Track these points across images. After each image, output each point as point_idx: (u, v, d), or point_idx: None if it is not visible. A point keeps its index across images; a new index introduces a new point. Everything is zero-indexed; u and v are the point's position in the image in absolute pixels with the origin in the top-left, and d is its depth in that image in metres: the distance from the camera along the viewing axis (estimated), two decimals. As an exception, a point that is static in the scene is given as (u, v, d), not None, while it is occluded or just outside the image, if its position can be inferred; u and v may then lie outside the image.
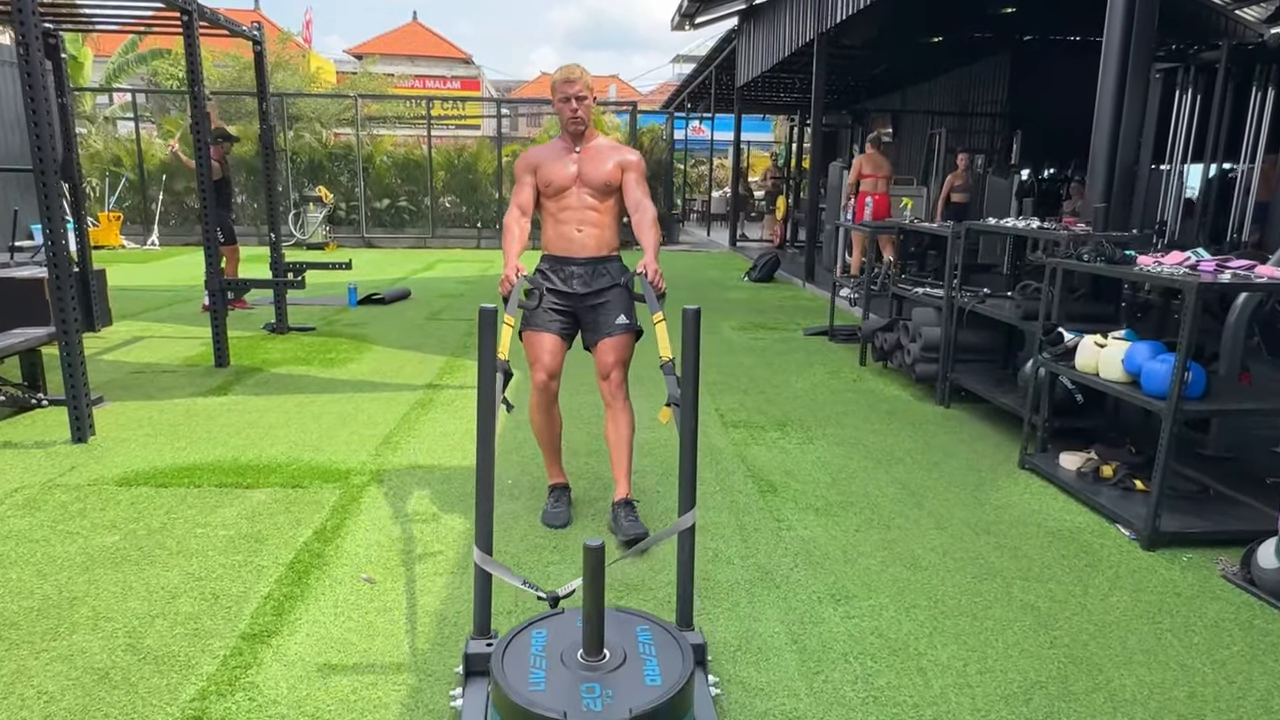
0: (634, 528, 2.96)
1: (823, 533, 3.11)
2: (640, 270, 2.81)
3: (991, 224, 4.44)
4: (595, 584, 1.71)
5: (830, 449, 4.09)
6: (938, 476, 3.73)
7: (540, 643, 1.85)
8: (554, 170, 3.02)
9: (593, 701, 1.65)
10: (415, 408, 4.66)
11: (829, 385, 5.35)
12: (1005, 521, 3.25)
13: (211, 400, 4.71)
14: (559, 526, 3.10)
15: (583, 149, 3.05)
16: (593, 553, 1.70)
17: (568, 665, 1.77)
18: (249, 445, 3.96)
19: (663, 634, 1.91)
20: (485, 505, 2.06)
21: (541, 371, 3.05)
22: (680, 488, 2.15)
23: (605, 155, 3.05)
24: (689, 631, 2.11)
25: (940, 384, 4.85)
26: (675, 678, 1.72)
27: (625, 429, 3.09)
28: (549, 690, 1.68)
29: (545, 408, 3.13)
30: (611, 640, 1.81)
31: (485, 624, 2.09)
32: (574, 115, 2.98)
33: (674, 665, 1.77)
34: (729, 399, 4.97)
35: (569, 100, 2.97)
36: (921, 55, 14.95)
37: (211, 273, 5.32)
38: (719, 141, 20.98)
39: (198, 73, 4.93)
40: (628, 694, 1.66)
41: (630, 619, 1.97)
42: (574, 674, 1.74)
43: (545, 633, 1.89)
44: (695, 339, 2.10)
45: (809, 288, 10.00)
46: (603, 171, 3.02)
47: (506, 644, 1.84)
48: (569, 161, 3.03)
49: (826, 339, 6.79)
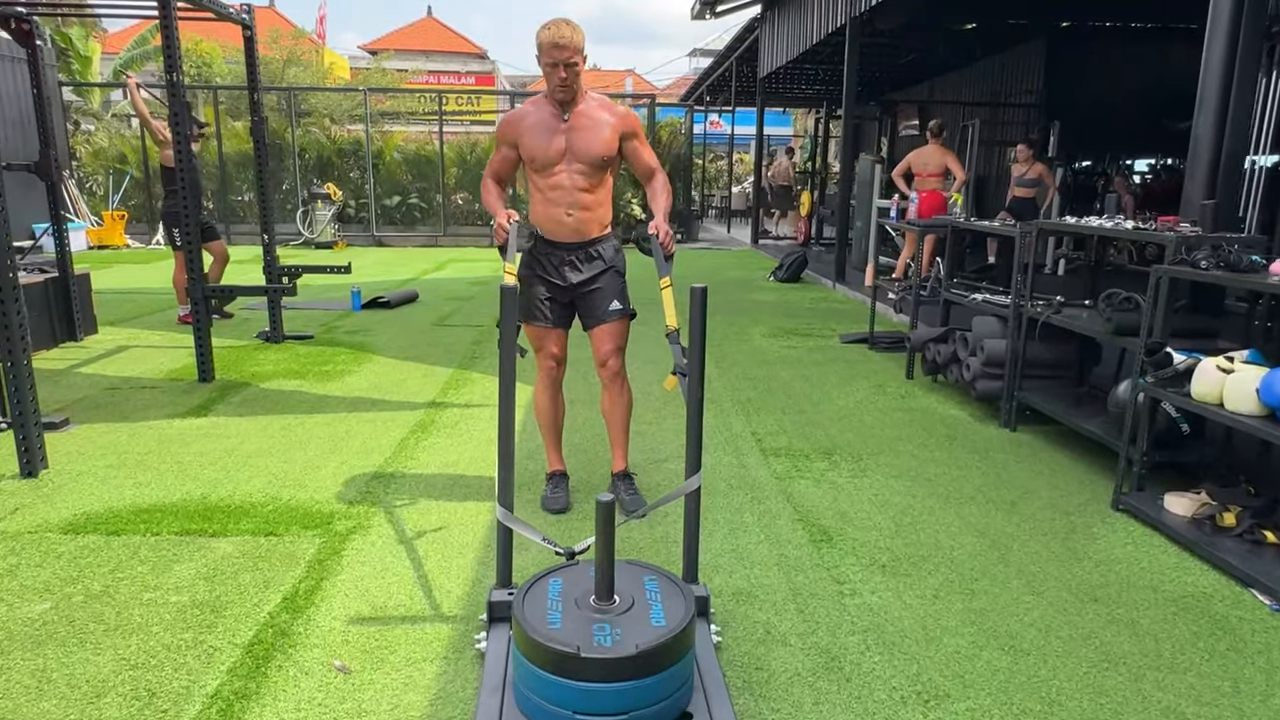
0: (633, 501, 3.10)
1: (894, 599, 2.58)
2: (652, 231, 2.74)
3: (1071, 223, 3.89)
4: (606, 535, 1.88)
5: (888, 483, 3.55)
6: (1018, 520, 3.18)
7: (557, 590, 2.01)
8: (540, 143, 2.81)
9: (603, 638, 1.81)
10: (415, 431, 4.16)
11: (875, 403, 4.80)
12: (1112, 584, 2.70)
13: (189, 422, 4.22)
14: (558, 511, 3.13)
15: (571, 115, 2.82)
16: (603, 507, 1.87)
17: (581, 608, 1.92)
18: (223, 479, 3.47)
19: (668, 583, 2.06)
20: (506, 464, 2.24)
21: (549, 358, 3.08)
22: (687, 452, 2.30)
23: (598, 124, 2.82)
24: (693, 584, 2.30)
25: (1005, 404, 4.29)
26: (678, 620, 1.87)
27: (623, 407, 3.13)
28: (564, 628, 1.84)
29: (552, 392, 3.16)
30: (621, 588, 1.98)
31: (507, 575, 2.31)
32: (563, 83, 2.73)
33: (677, 609, 1.92)
34: (766, 420, 4.44)
35: (558, 66, 2.70)
36: (952, 43, 14.31)
37: (193, 279, 4.84)
38: (739, 136, 20.38)
39: (175, 60, 4.44)
40: (635, 632, 1.83)
41: (639, 570, 2.11)
42: (587, 615, 1.90)
43: (561, 581, 2.04)
44: (702, 314, 2.18)
45: (840, 288, 9.43)
46: (596, 144, 2.81)
47: (526, 591, 1.99)
48: (556, 132, 2.81)
49: (866, 347, 6.24)
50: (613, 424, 3.17)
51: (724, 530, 3.06)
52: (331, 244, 13.77)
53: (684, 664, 1.86)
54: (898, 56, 15.39)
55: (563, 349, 3.09)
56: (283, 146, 14.42)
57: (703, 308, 2.18)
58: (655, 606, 1.93)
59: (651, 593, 2.00)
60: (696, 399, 2.24)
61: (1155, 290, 3.09)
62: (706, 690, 1.98)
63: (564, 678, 1.76)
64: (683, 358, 2.38)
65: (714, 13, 14.20)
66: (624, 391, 3.11)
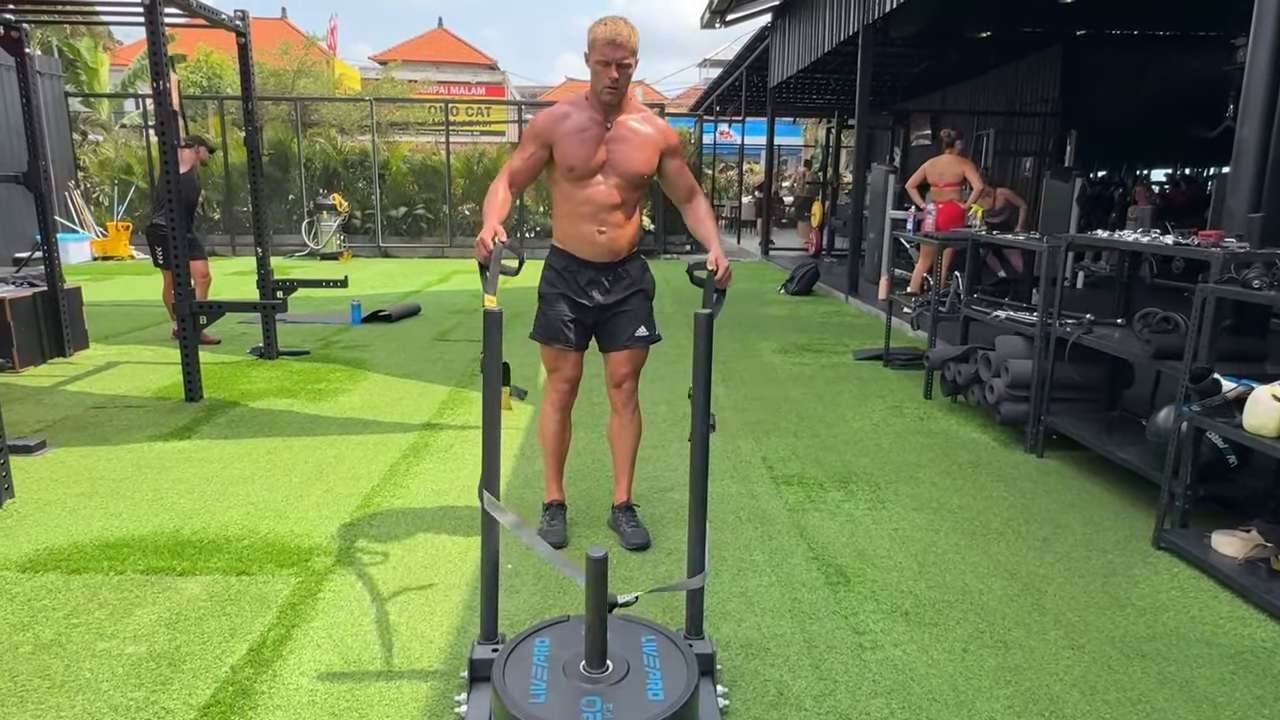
0: (636, 535, 2.94)
1: (920, 654, 2.34)
2: (711, 267, 2.46)
3: (1103, 236, 3.65)
4: (598, 593, 1.66)
5: (908, 516, 3.31)
6: (1052, 560, 2.94)
7: (543, 652, 1.82)
8: (579, 149, 2.60)
9: (593, 715, 1.61)
10: (407, 455, 3.95)
11: (892, 425, 4.56)
12: (1161, 635, 2.45)
13: (171, 446, 4.02)
14: (554, 545, 2.86)
15: (614, 124, 2.63)
16: (595, 563, 1.65)
17: (569, 676, 1.73)
18: (199, 509, 3.26)
19: (668, 645, 1.85)
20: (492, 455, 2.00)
21: (563, 381, 2.91)
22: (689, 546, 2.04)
23: (640, 137, 2.66)
24: (698, 640, 2.04)
25: (1031, 428, 4.04)
26: (678, 693, 1.67)
27: (632, 435, 2.98)
28: (549, 703, 1.64)
29: (561, 416, 2.98)
30: (615, 651, 1.78)
31: (492, 628, 2.02)
32: (613, 83, 2.55)
33: (678, 680, 1.72)
34: (777, 444, 4.20)
35: (610, 65, 2.52)
36: (966, 52, 14.09)
37: (180, 295, 4.65)
38: (749, 146, 20.19)
39: (160, 68, 4.27)
40: (629, 709, 1.63)
41: (636, 628, 1.91)
42: (575, 685, 1.70)
43: (548, 641, 1.85)
44: (707, 346, 2.00)
45: (853, 302, 9.19)
46: (638, 159, 2.65)
47: (509, 652, 1.81)
48: (598, 141, 2.61)
49: (882, 365, 5.99)
50: (619, 451, 3.01)
51: (731, 570, 2.83)
52: (337, 255, 13.63)
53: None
54: (910, 65, 15.19)
55: (577, 374, 2.92)
56: (289, 157, 14.31)
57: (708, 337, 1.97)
58: (653, 675, 1.73)
59: (649, 657, 1.80)
60: (700, 488, 2.01)
61: (1200, 311, 2.85)
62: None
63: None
64: None
65: (724, 21, 14.04)
66: (635, 418, 2.98)
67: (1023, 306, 4.53)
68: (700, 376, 2.00)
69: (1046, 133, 14.37)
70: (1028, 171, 14.81)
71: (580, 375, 2.94)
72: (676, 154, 2.74)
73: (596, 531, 3.12)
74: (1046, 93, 14.22)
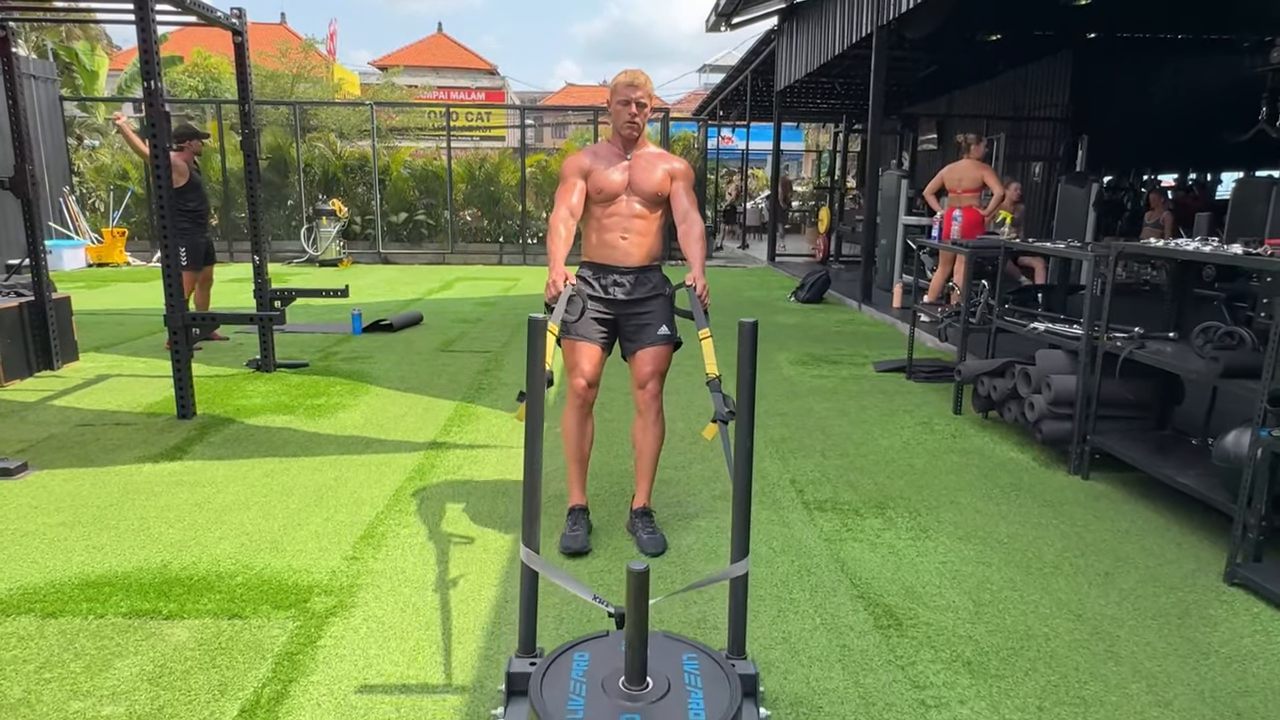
0: (652, 542, 2.97)
1: (990, 712, 2.09)
2: (690, 283, 2.80)
3: (1156, 245, 3.42)
4: (639, 609, 1.62)
5: (955, 547, 3.07)
6: (1118, 598, 2.70)
7: (582, 667, 1.78)
8: (605, 176, 2.95)
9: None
10: (412, 478, 3.71)
11: (924, 443, 4.32)
12: (1254, 690, 2.21)
13: (161, 468, 3.78)
14: (575, 553, 2.95)
15: (633, 156, 3.00)
16: (636, 576, 1.60)
17: (609, 693, 1.68)
18: (190, 540, 3.02)
19: (710, 664, 1.81)
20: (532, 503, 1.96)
21: (580, 378, 2.99)
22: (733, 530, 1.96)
23: (655, 163, 3.00)
24: (740, 660, 1.95)
25: (1075, 448, 3.81)
26: (721, 714, 1.61)
27: (655, 438, 3.06)
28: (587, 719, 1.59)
29: (580, 416, 3.05)
30: (655, 668, 1.73)
31: (530, 641, 1.97)
32: (631, 120, 2.94)
33: (720, 700, 1.67)
34: (805, 464, 3.97)
35: (629, 104, 2.92)
36: (975, 56, 13.90)
37: (172, 306, 4.41)
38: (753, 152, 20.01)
39: (152, 66, 4.03)
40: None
41: (677, 645, 1.87)
42: (614, 703, 1.65)
43: (588, 656, 1.81)
44: (752, 355, 2.00)
45: (866, 310, 8.96)
46: (653, 180, 2.97)
47: (547, 667, 1.78)
48: (620, 168, 2.97)
49: (904, 377, 5.76)
50: (642, 453, 3.08)
51: (771, 610, 2.59)
52: (336, 262, 13.40)
53: None
54: (917, 70, 15.00)
55: (596, 370, 3.01)
56: (287, 162, 14.09)
57: (753, 346, 2.00)
58: (695, 694, 1.68)
59: (691, 675, 1.74)
60: (745, 450, 1.94)
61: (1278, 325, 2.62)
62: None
63: None
64: (724, 405, 2.34)
65: (730, 24, 13.84)
66: (658, 419, 3.06)
67: (1060, 318, 4.29)
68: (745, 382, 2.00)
69: (1057, 137, 14.17)
70: (1037, 176, 14.61)
71: (599, 376, 3.02)
72: (682, 179, 3.02)
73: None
74: (1056, 97, 14.02)
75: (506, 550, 2.98)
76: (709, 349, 2.54)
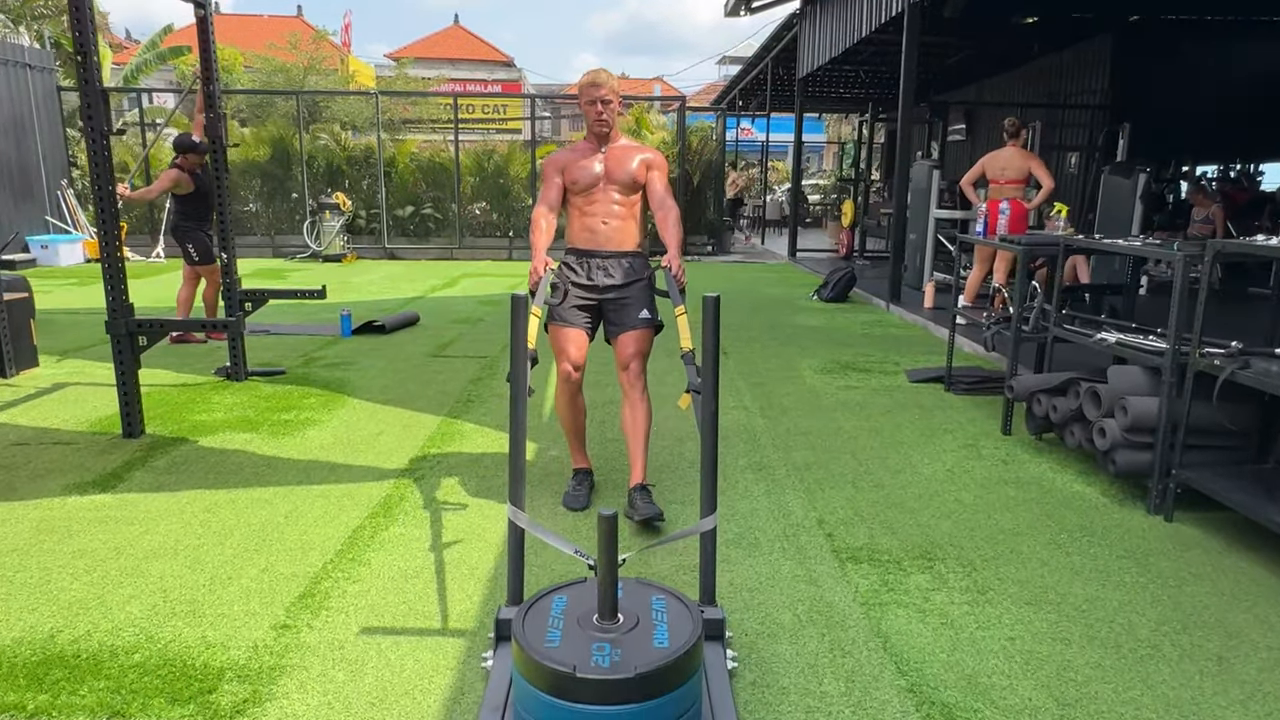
0: (648, 508, 3.03)
1: None
2: (665, 265, 2.96)
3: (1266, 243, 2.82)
4: (609, 551, 1.78)
5: (1023, 616, 2.50)
6: (1241, 695, 2.11)
7: (560, 607, 1.90)
8: (581, 169, 3.12)
9: (601, 659, 1.69)
10: (375, 515, 3.18)
11: (972, 471, 3.74)
12: None
13: (87, 501, 3.28)
14: (577, 509, 3.21)
15: (608, 150, 3.15)
16: (606, 520, 1.78)
17: (584, 627, 1.82)
18: (93, 600, 2.51)
19: (676, 604, 1.93)
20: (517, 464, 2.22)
21: (566, 363, 3.15)
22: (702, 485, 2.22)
23: (630, 155, 3.16)
24: (710, 607, 2.21)
25: (1157, 483, 3.21)
26: (682, 641, 1.75)
27: (642, 418, 3.18)
28: (563, 647, 1.74)
29: (570, 398, 3.24)
30: (626, 607, 1.86)
31: (518, 592, 2.21)
32: (599, 117, 3.08)
33: (683, 630, 1.80)
34: (834, 498, 3.40)
35: (595, 103, 3.06)
36: (1008, 41, 13.21)
37: (115, 310, 3.91)
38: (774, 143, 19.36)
39: (86, 38, 3.52)
40: (635, 653, 1.71)
41: (647, 589, 1.99)
42: (587, 634, 1.79)
43: (565, 599, 1.94)
44: (715, 327, 2.21)
45: (895, 310, 8.34)
46: (628, 170, 3.12)
47: (528, 607, 1.89)
48: (595, 161, 3.13)
49: (942, 388, 5.16)
50: (632, 435, 3.19)
51: (797, 709, 2.03)
52: (340, 257, 12.93)
53: (688, 689, 1.74)
54: (946, 55, 14.32)
55: (581, 354, 3.17)
56: (290, 154, 13.63)
57: (715, 319, 2.22)
58: (660, 627, 1.83)
59: (658, 612, 1.89)
60: (710, 428, 2.22)
61: None
62: (716, 718, 1.87)
63: (560, 698, 1.66)
64: (696, 377, 2.47)
65: (749, 8, 13.23)
66: (643, 398, 3.18)
67: (1131, 326, 3.69)
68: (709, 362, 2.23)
69: (1095, 126, 13.44)
70: (1073, 167, 13.88)
71: (584, 359, 3.18)
72: (657, 168, 3.17)
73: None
74: (1095, 83, 13.28)
75: (472, 615, 2.45)
76: (684, 325, 2.69)
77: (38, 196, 12.53)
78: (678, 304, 2.80)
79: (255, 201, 13.97)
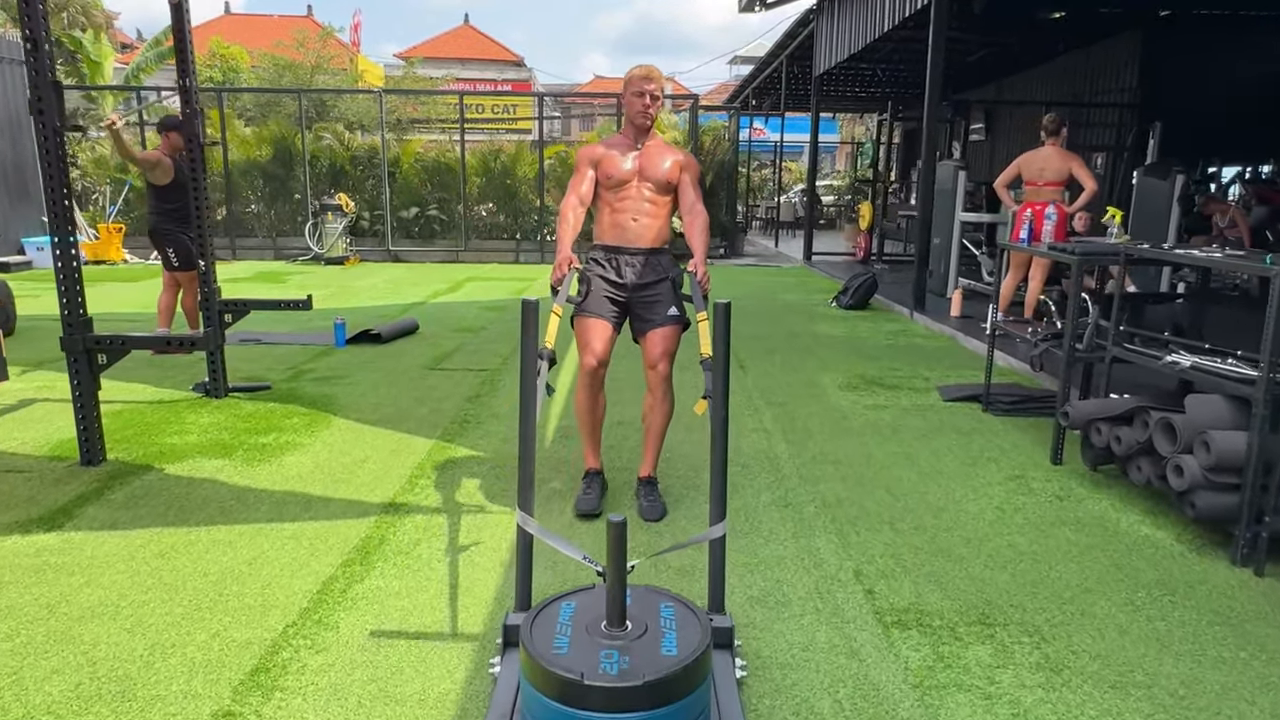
0: (652, 509, 3.14)
1: None
2: (691, 269, 2.96)
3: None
4: (617, 557, 1.76)
5: (1109, 705, 2.09)
6: (1396, 822, 1.71)
7: (568, 614, 1.88)
8: (616, 163, 3.12)
9: (610, 666, 1.68)
10: (351, 560, 2.80)
11: (1024, 510, 3.33)
12: None
13: (29, 542, 2.91)
14: (586, 514, 3.15)
15: (644, 146, 3.16)
16: (615, 527, 1.77)
17: (591, 634, 1.80)
18: (5, 678, 2.13)
19: (685, 611, 1.91)
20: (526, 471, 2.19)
21: (591, 357, 3.11)
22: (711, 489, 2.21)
23: (663, 154, 3.17)
24: (719, 615, 2.20)
25: (1245, 531, 2.80)
26: (691, 649, 1.73)
27: (663, 414, 3.21)
28: (570, 654, 1.72)
29: (591, 393, 3.19)
30: (635, 614, 1.85)
31: (526, 598, 2.20)
32: (645, 110, 3.10)
33: (692, 639, 1.78)
34: (871, 543, 3.00)
35: (643, 95, 3.09)
36: (1033, 37, 12.75)
37: (71, 325, 3.55)
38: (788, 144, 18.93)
39: (38, 33, 3.16)
40: (644, 661, 1.70)
41: (656, 596, 1.97)
42: (595, 641, 1.78)
43: (574, 605, 1.92)
44: (725, 335, 2.24)
45: (919, 319, 7.92)
46: (662, 169, 3.14)
47: (536, 614, 1.88)
48: (631, 157, 3.14)
49: (980, 408, 4.74)
50: (650, 428, 3.24)
51: (846, 840, 1.64)
52: (343, 259, 12.59)
53: (696, 697, 1.70)
54: (967, 52, 13.87)
55: (606, 349, 3.13)
56: (292, 153, 13.30)
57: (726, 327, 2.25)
58: (669, 635, 1.79)
59: (667, 620, 1.85)
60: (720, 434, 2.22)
61: None
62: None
63: (568, 706, 1.63)
64: None
65: (764, 4, 12.83)
66: (668, 397, 3.21)
67: (1204, 348, 3.28)
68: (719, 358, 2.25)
69: (1123, 125, 12.96)
70: (1099, 168, 13.40)
71: (609, 354, 3.14)
72: (690, 170, 3.20)
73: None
74: (1123, 81, 12.82)
75: (454, 698, 2.06)
76: (705, 330, 2.63)
77: (34, 197, 12.23)
78: (701, 309, 2.77)
79: (257, 202, 13.67)
